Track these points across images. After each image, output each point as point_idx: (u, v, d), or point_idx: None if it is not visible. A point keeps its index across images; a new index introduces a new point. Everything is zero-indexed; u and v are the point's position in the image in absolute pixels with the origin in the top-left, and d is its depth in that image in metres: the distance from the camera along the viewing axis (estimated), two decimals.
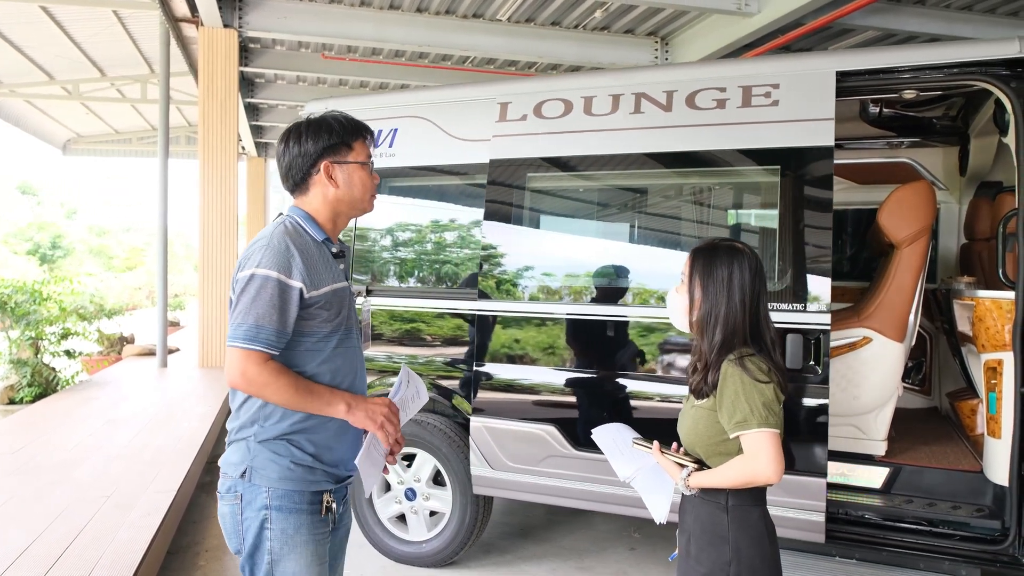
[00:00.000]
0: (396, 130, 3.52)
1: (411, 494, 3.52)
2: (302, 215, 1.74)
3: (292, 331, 1.63)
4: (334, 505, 1.73)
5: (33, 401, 6.61)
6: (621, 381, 3.02)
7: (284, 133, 1.77)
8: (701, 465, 1.77)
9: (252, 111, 12.39)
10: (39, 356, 7.06)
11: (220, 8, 6.82)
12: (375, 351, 3.51)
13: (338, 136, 1.72)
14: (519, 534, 3.98)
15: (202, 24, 7.11)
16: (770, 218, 2.96)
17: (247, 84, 10.42)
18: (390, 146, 3.52)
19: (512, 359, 3.21)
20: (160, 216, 7.79)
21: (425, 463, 3.47)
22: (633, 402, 3.01)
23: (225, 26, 7.08)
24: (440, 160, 3.46)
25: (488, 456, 3.20)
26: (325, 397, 1.66)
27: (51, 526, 3.16)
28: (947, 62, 2.71)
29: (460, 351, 3.38)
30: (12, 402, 6.77)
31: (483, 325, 3.26)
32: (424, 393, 1.89)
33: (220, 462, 1.71)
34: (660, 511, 1.85)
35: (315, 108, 3.73)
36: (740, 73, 2.95)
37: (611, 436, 1.97)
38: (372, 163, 1.79)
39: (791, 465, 2.62)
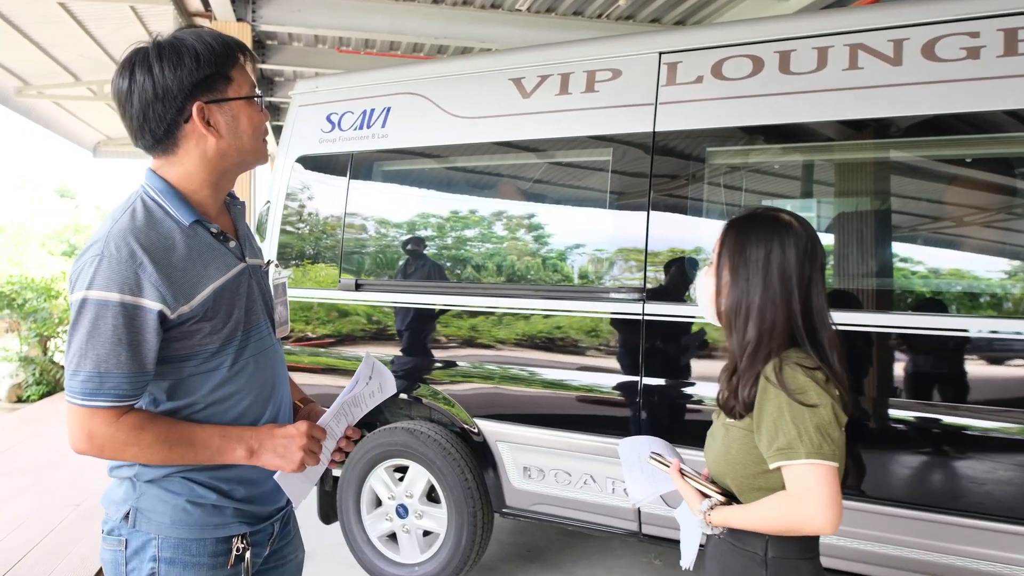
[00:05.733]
0: (389, 109, 3.21)
1: (403, 511, 3.18)
2: (162, 188, 1.27)
3: (159, 361, 1.22)
4: (248, 553, 1.34)
5: (39, 399, 6.47)
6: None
7: (123, 65, 1.25)
8: (731, 500, 1.39)
9: (273, 111, 12.25)
10: (48, 354, 6.91)
11: (233, 2, 6.65)
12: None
13: (210, 64, 1.24)
14: (525, 557, 3.61)
15: (215, 19, 6.93)
16: None
17: (267, 82, 10.27)
18: (383, 126, 3.20)
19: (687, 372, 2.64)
20: None
21: (418, 477, 3.12)
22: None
23: (238, 20, 6.90)
24: (438, 140, 3.12)
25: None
26: (213, 444, 1.26)
27: (9, 535, 2.91)
28: None
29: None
30: (20, 400, 6.63)
31: (655, 333, 2.64)
32: (391, 385, 1.47)
33: (102, 497, 1.35)
34: (687, 552, 1.48)
35: (306, 88, 3.44)
36: (998, 7, 2.19)
37: (636, 449, 1.60)
38: (261, 94, 1.35)
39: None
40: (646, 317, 2.63)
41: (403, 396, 3.15)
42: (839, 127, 2.42)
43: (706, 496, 1.39)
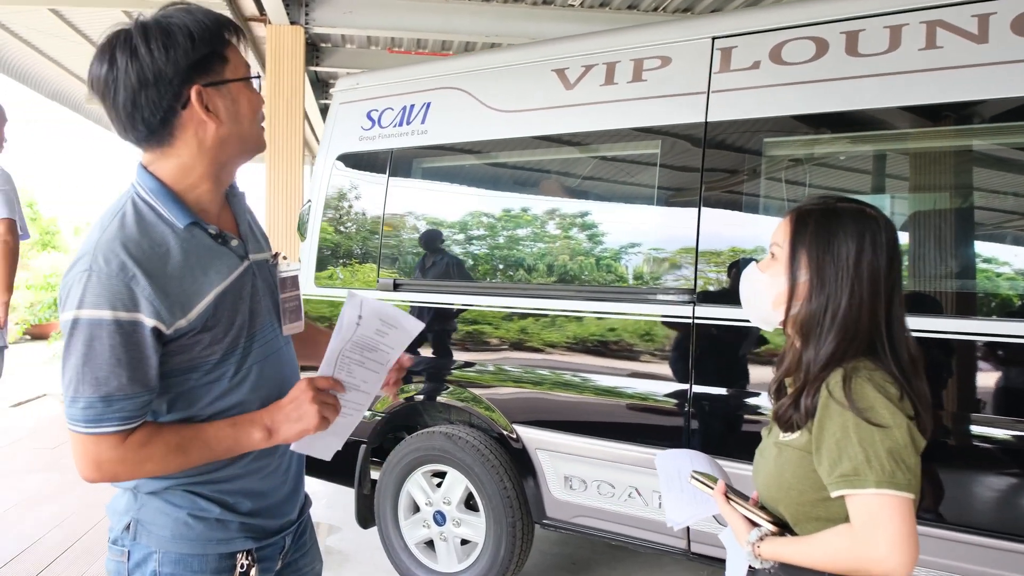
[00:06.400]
0: (429, 104, 3.11)
1: (440, 518, 3.07)
2: (155, 188, 1.16)
3: (162, 375, 1.13)
4: (254, 570, 1.24)
5: None
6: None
7: (101, 49, 1.13)
8: (784, 530, 1.21)
9: (328, 113, 12.40)
10: None
11: (287, 5, 6.72)
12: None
13: (205, 42, 1.13)
14: (569, 570, 3.46)
15: (269, 22, 7.02)
16: None
17: (321, 86, 10.38)
18: (422, 122, 3.11)
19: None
20: None
21: (456, 483, 3.01)
22: None
23: (292, 23, 6.97)
24: (478, 135, 3.01)
25: None
26: (228, 436, 1.17)
27: (50, 532, 2.94)
28: None
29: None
30: None
31: (706, 337, 2.46)
32: (406, 319, 1.25)
33: (107, 505, 1.28)
34: None
35: (347, 85, 3.38)
36: None
37: (676, 465, 1.44)
38: (259, 75, 1.24)
39: None
40: (697, 320, 2.46)
41: (440, 400, 3.05)
42: (914, 114, 2.19)
43: (755, 525, 1.22)
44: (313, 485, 4.38)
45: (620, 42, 2.75)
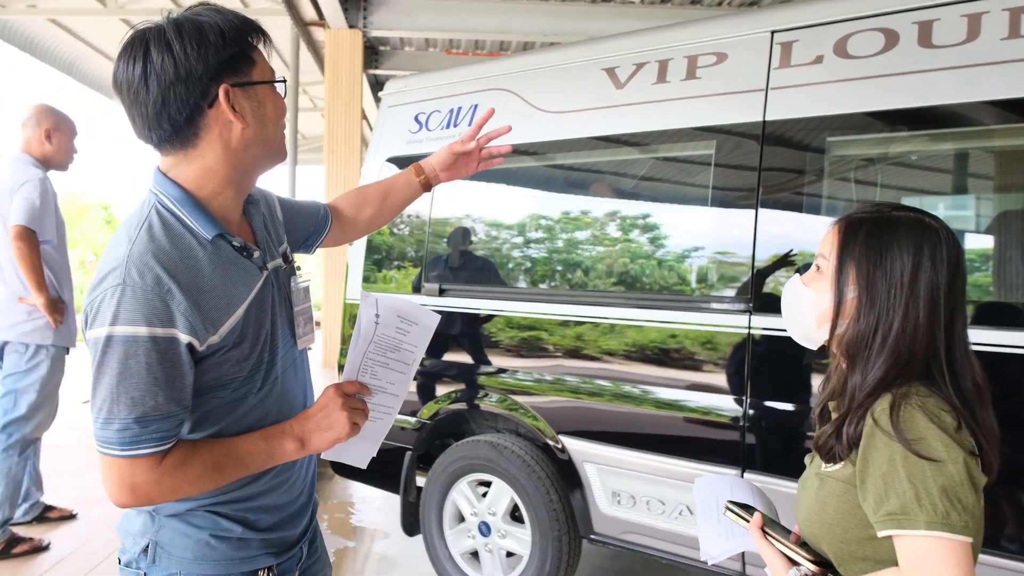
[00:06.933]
0: (476, 107, 3.05)
1: (485, 529, 3.01)
2: (178, 196, 1.11)
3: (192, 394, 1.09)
4: None
5: None
6: None
7: (131, 46, 1.09)
8: (827, 570, 1.09)
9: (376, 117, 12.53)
10: None
11: (346, 10, 6.80)
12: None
13: (235, 41, 1.10)
14: None
15: (328, 26, 7.11)
16: None
17: (380, 88, 10.51)
18: (469, 124, 3.05)
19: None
20: None
21: (501, 494, 2.94)
22: None
23: (350, 27, 7.05)
24: (525, 137, 2.93)
25: None
26: (262, 450, 1.13)
27: (106, 531, 3.00)
28: None
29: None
30: None
31: (763, 349, 2.31)
32: (424, 314, 1.24)
33: (118, 525, 1.24)
34: None
35: (395, 88, 3.35)
36: None
37: (714, 492, 1.33)
38: (284, 79, 1.19)
39: None
40: (752, 331, 2.32)
41: (484, 408, 2.99)
42: (997, 108, 2.01)
43: (794, 563, 1.11)
44: (364, 490, 4.43)
45: (673, 38, 2.62)
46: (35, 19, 7.64)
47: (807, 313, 1.17)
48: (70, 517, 3.64)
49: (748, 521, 1.17)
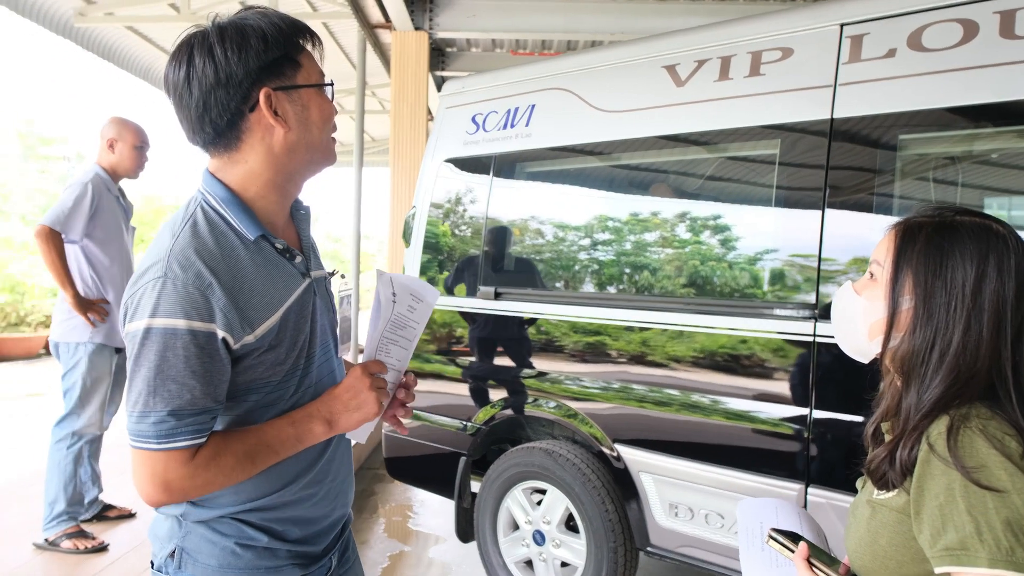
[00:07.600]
0: (533, 107, 3.00)
1: (540, 538, 2.96)
2: (224, 196, 1.12)
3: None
4: None
5: None
6: None
7: (179, 50, 1.11)
8: None
9: (435, 118, 12.60)
10: None
11: (411, 12, 6.87)
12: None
13: (278, 45, 1.10)
14: None
15: (394, 28, 7.20)
16: None
17: None
18: (526, 125, 3.01)
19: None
20: (355, 223, 8.03)
21: (556, 503, 2.89)
22: None
23: (416, 29, 7.11)
24: (583, 138, 2.86)
25: None
26: (290, 435, 1.12)
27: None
28: None
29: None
30: None
31: (829, 358, 2.18)
32: (428, 291, 1.26)
33: (149, 530, 1.25)
34: None
35: (453, 88, 3.35)
36: None
37: (759, 516, 1.26)
38: (332, 83, 1.18)
39: None
40: (818, 339, 2.19)
41: (536, 413, 2.94)
42: None
43: None
44: (420, 494, 4.43)
45: (736, 33, 2.51)
46: (113, 27, 8.02)
47: (859, 324, 1.08)
48: (129, 516, 3.71)
49: (793, 552, 1.09)
